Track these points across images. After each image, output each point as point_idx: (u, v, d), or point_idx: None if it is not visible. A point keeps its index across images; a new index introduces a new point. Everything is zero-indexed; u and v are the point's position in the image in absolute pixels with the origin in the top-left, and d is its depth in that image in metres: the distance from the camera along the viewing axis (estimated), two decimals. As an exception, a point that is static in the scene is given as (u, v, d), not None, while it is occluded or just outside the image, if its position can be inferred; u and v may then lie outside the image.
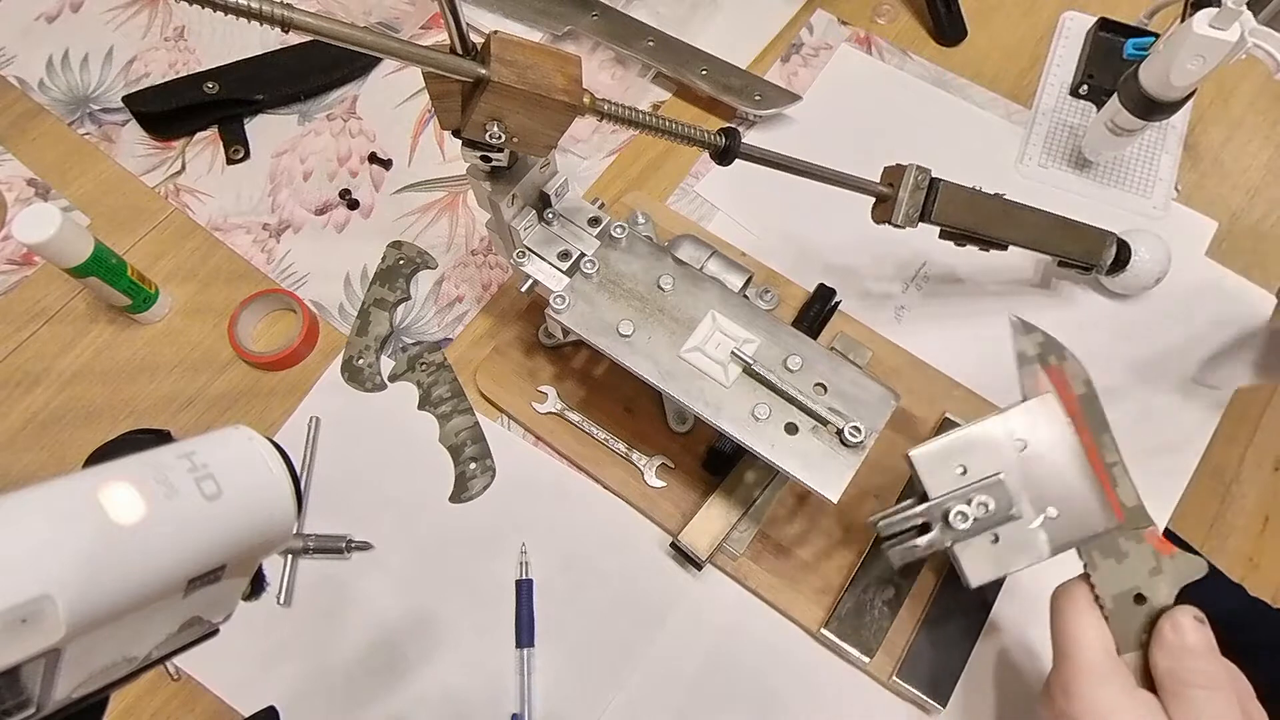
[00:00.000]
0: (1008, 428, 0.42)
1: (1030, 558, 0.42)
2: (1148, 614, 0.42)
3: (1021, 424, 0.42)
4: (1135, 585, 0.42)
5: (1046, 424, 0.42)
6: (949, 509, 0.42)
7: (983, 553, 0.42)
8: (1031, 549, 0.42)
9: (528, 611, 0.54)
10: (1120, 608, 0.42)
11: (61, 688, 0.24)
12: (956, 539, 0.42)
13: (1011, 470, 0.42)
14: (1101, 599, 0.42)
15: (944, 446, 0.42)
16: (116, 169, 0.69)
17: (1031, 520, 0.42)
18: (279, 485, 0.29)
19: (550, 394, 0.60)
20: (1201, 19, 0.52)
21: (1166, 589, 0.42)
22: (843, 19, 0.76)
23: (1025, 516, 0.42)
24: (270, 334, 0.64)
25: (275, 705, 0.52)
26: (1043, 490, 0.42)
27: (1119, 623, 0.42)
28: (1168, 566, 0.42)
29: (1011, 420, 0.42)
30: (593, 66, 0.73)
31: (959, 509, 0.41)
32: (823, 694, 0.53)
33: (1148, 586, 0.42)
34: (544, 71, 0.40)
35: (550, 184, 0.52)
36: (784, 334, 0.49)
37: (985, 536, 0.42)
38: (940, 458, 0.42)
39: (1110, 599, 0.42)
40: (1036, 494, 0.42)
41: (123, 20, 0.76)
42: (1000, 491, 0.41)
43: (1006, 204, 0.54)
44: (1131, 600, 0.42)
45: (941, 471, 0.42)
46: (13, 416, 0.61)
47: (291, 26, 0.34)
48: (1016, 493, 0.42)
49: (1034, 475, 0.42)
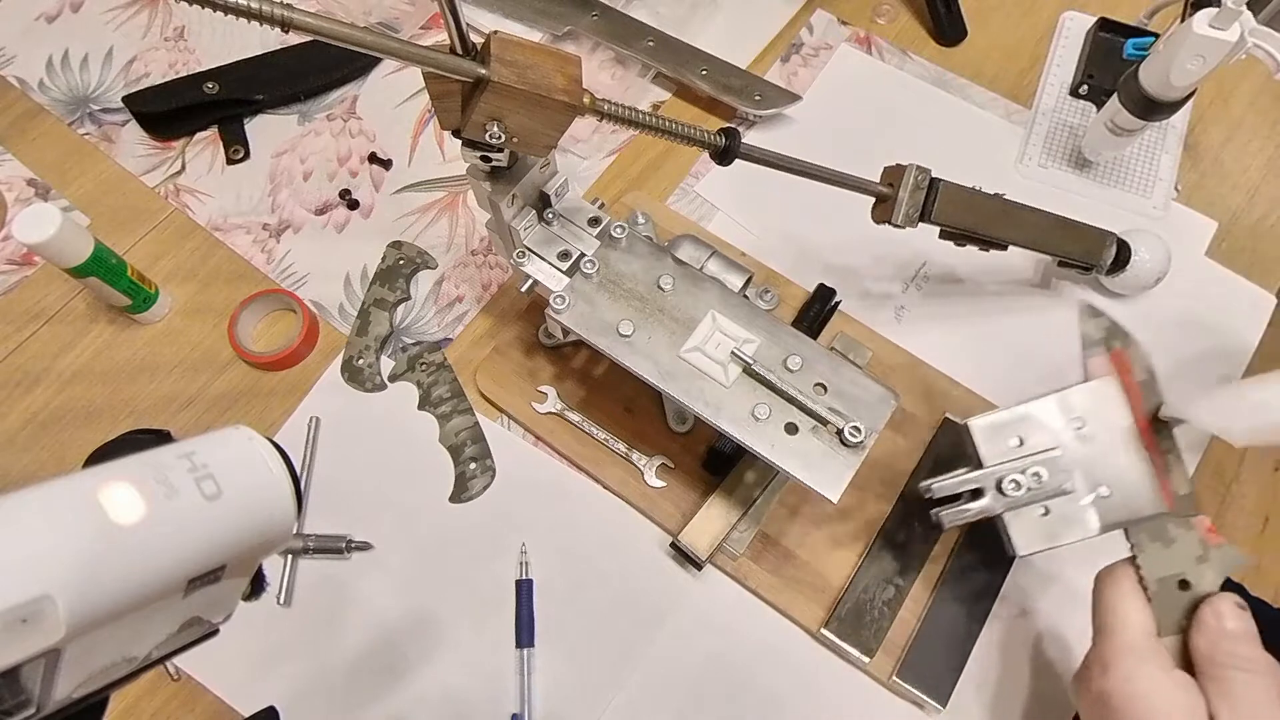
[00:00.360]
0: (1066, 406, 0.44)
1: (1079, 533, 0.44)
2: (1191, 600, 0.42)
3: (1081, 404, 0.44)
4: (1180, 571, 0.43)
5: (1105, 406, 0.44)
6: (1002, 477, 0.44)
7: (1033, 523, 0.44)
8: (1081, 524, 0.44)
9: (528, 611, 0.54)
10: (1164, 591, 0.43)
11: (61, 688, 0.24)
12: (1008, 507, 0.44)
13: (1067, 447, 0.44)
14: (1146, 581, 0.43)
15: (1002, 419, 0.45)
16: (116, 169, 0.69)
17: (1083, 497, 0.44)
18: (279, 485, 0.29)
19: (550, 394, 0.60)
20: (1201, 19, 0.52)
21: (1212, 576, 0.43)
22: (843, 19, 0.76)
23: (1077, 492, 0.44)
24: (270, 334, 0.64)
25: (275, 705, 0.52)
26: (1096, 469, 0.44)
27: (1161, 606, 0.43)
28: (1215, 556, 0.43)
29: (1071, 399, 0.44)
30: (592, 66, 0.73)
31: (1013, 477, 0.43)
32: (823, 694, 0.53)
33: (1193, 573, 0.43)
34: (544, 71, 0.40)
35: (550, 184, 0.52)
36: (784, 334, 0.49)
37: (1035, 508, 0.44)
38: (997, 428, 0.45)
39: (1155, 582, 0.43)
40: (1089, 472, 0.44)
41: (123, 20, 0.76)
42: (1055, 466, 0.43)
43: (1006, 204, 0.54)
44: (1175, 585, 0.43)
45: (997, 441, 0.44)
46: (13, 417, 0.61)
47: (291, 27, 0.34)
48: (1070, 469, 0.44)
49: (1089, 454, 0.44)
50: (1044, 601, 0.55)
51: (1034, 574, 0.56)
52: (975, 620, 0.54)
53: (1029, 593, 0.55)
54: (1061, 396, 0.44)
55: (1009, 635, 0.54)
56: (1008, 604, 0.55)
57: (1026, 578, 0.56)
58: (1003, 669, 0.54)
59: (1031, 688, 0.53)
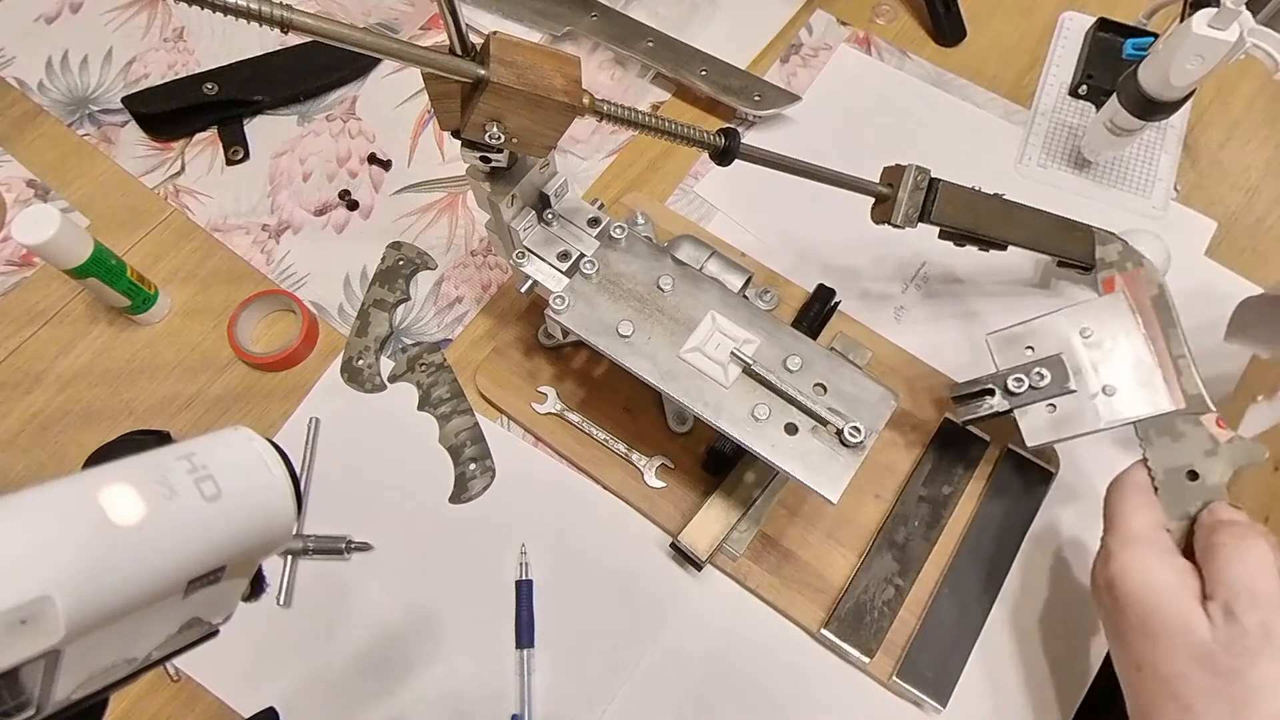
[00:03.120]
0: (1075, 319, 0.49)
1: (1086, 425, 0.48)
2: (1201, 493, 0.44)
3: (1090, 316, 0.49)
4: (1189, 462, 0.45)
5: (1113, 318, 0.49)
6: (1008, 376, 0.49)
7: (1041, 418, 0.49)
8: (1087, 418, 0.48)
9: (528, 612, 0.54)
10: (1170, 481, 0.45)
11: (61, 688, 0.24)
12: (1015, 404, 0.50)
13: (1073, 352, 0.49)
14: (1154, 472, 0.46)
15: (1016, 331, 0.51)
16: (116, 170, 0.69)
17: (1088, 395, 0.48)
18: (279, 486, 0.29)
19: (550, 395, 0.60)
20: (1200, 19, 0.52)
21: (1221, 468, 0.44)
22: (842, 19, 0.76)
23: (1082, 391, 0.48)
24: (270, 335, 0.64)
25: (275, 706, 0.52)
26: (1104, 371, 0.48)
27: (1168, 495, 0.45)
28: (1224, 450, 0.45)
29: (1079, 313, 0.49)
30: (592, 67, 0.73)
31: (1017, 376, 0.49)
32: (822, 694, 0.53)
33: (1201, 465, 0.45)
34: (543, 72, 0.40)
35: (550, 184, 0.52)
36: (784, 334, 0.49)
37: (1042, 405, 0.49)
38: (1009, 339, 0.51)
39: (1162, 471, 0.45)
40: (1097, 374, 0.48)
41: (122, 21, 0.76)
42: (1057, 366, 0.48)
43: (1006, 204, 0.54)
44: (1184, 476, 0.45)
45: (1010, 350, 0.50)
46: (12, 418, 0.61)
47: (291, 27, 0.34)
48: (1075, 370, 0.48)
49: (1096, 358, 0.48)
50: (1044, 602, 0.55)
51: (1036, 574, 0.56)
52: (975, 621, 0.54)
53: (1029, 592, 0.55)
54: (1071, 310, 0.49)
55: (1009, 636, 0.54)
56: (1008, 604, 0.55)
57: (1028, 578, 0.56)
58: (1003, 670, 0.53)
59: (1032, 688, 0.53)
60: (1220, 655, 0.39)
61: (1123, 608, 0.43)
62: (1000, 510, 0.56)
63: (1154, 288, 0.48)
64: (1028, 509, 0.56)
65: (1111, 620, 0.45)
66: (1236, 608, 0.39)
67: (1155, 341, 0.48)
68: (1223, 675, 0.39)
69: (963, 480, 0.57)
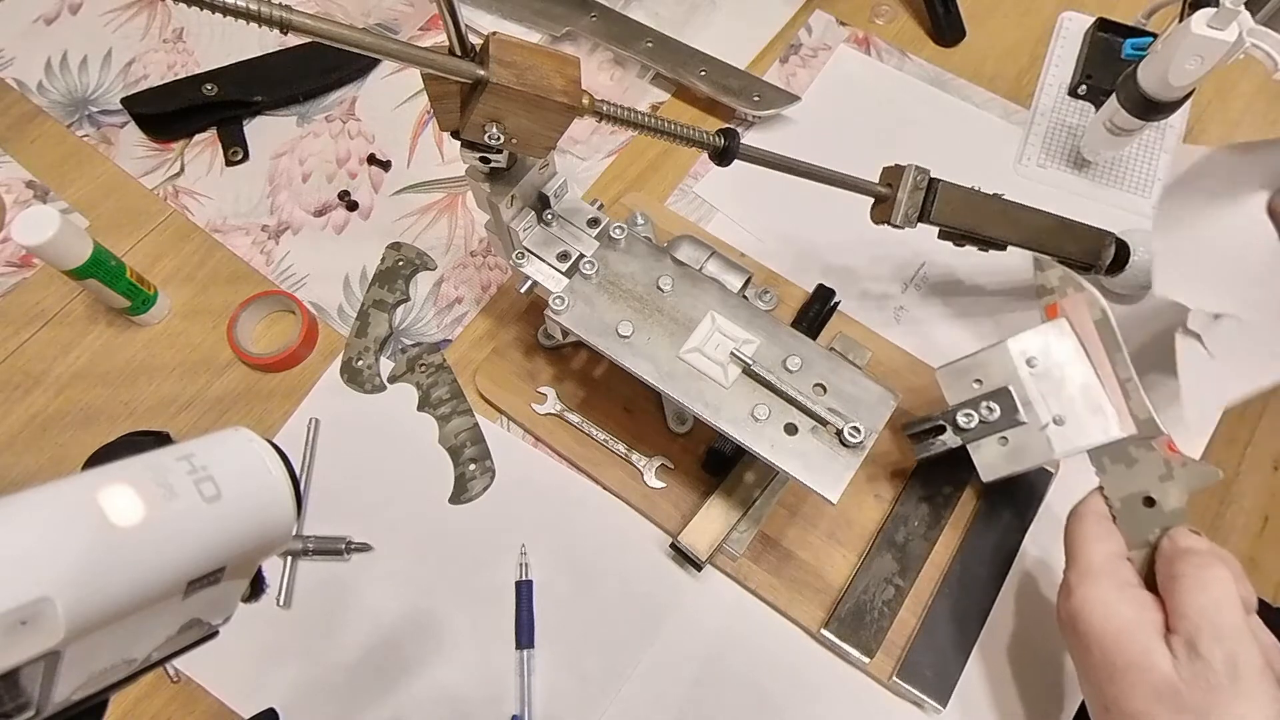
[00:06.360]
0: (1020, 348, 0.49)
1: (1039, 457, 0.48)
2: (1159, 519, 0.44)
3: (1033, 345, 0.48)
4: (1144, 489, 0.45)
5: (1056, 345, 0.48)
6: (956, 413, 0.50)
7: (994, 452, 0.49)
8: (1039, 449, 0.48)
9: (527, 613, 0.54)
10: (1128, 508, 0.45)
11: (61, 690, 0.24)
12: (966, 439, 0.50)
13: (1020, 383, 0.48)
14: (1110, 501, 0.45)
15: (961, 365, 0.50)
16: (115, 171, 0.69)
17: (1038, 426, 0.48)
18: (278, 487, 0.29)
19: (550, 395, 0.60)
20: (1199, 19, 0.52)
21: (1177, 493, 0.44)
22: (841, 20, 0.76)
23: (1032, 423, 0.48)
24: (269, 335, 0.64)
25: (275, 707, 0.52)
26: (1052, 401, 0.48)
27: (1126, 522, 0.45)
28: (1179, 473, 0.44)
29: (1023, 342, 0.49)
30: (591, 67, 0.73)
31: (965, 411, 0.49)
32: (823, 694, 0.53)
33: (1158, 490, 0.44)
34: (543, 73, 0.40)
35: (549, 185, 0.52)
36: (783, 334, 0.49)
37: (994, 438, 0.49)
38: (957, 374, 0.51)
39: (1119, 500, 0.45)
40: (1045, 404, 0.48)
41: (121, 22, 0.76)
42: (1005, 399, 0.48)
43: (1005, 204, 0.54)
44: (1140, 502, 0.45)
45: (958, 385, 0.50)
46: (12, 418, 0.61)
47: (290, 28, 0.34)
48: (1024, 401, 0.48)
49: (1043, 388, 0.48)
50: (1044, 602, 0.55)
51: (1035, 575, 0.56)
52: (975, 620, 0.54)
53: (1028, 593, 0.55)
54: (1015, 340, 0.49)
55: (1009, 635, 0.54)
56: (1008, 604, 0.55)
57: (1028, 578, 0.56)
58: (1003, 669, 0.53)
59: (1032, 688, 0.53)
60: (1184, 692, 0.38)
61: (1085, 645, 0.42)
62: (1000, 510, 0.56)
63: (1097, 311, 0.47)
64: (1028, 509, 0.56)
65: (1076, 656, 0.44)
66: (1200, 641, 0.38)
67: (1101, 367, 0.47)
68: (1188, 712, 0.37)
69: (963, 480, 0.57)
